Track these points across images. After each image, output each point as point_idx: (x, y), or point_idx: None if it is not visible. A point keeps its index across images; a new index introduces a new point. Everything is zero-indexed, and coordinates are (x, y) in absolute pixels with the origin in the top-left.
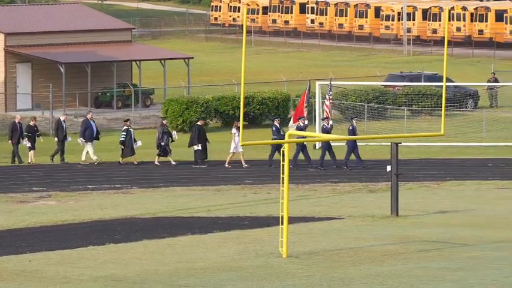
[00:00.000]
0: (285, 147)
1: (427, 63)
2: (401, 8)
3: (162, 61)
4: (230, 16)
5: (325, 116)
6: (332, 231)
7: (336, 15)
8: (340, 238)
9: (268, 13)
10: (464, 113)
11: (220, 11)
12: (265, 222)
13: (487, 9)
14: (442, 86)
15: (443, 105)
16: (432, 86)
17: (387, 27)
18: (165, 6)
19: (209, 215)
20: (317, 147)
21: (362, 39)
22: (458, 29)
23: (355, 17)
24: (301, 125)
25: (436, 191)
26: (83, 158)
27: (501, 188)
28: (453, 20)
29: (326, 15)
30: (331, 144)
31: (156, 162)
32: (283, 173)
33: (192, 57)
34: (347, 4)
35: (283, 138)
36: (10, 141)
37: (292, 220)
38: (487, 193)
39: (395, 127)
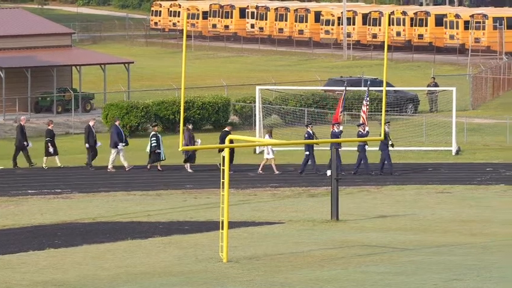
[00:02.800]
0: (225, 152)
1: (367, 67)
2: (341, 12)
3: (102, 66)
4: (170, 21)
5: (361, 122)
6: (272, 235)
7: (276, 20)
8: (281, 243)
9: (209, 18)
10: (404, 118)
11: (160, 15)
12: (205, 227)
13: (427, 13)
14: (382, 90)
15: (383, 110)
16: (372, 90)
17: (327, 32)
18: (105, 10)
19: (149, 220)
20: (257, 152)
21: (302, 43)
22: (398, 34)
23: (295, 21)
24: (336, 131)
25: (376, 196)
26: (125, 163)
27: (441, 193)
28: (393, 24)
29: (266, 20)
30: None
31: (188, 170)
32: (223, 178)
33: (132, 62)
34: (287, 9)
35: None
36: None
37: (232, 225)
38: (426, 197)
39: None
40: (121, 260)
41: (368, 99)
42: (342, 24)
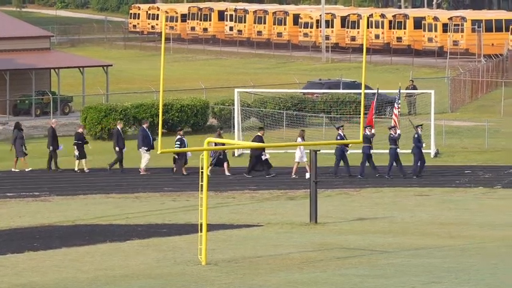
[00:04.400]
0: (204, 155)
1: (346, 70)
2: (320, 15)
3: (81, 69)
4: (149, 24)
5: (392, 125)
6: (251, 238)
7: (254, 23)
8: (259, 245)
9: (187, 21)
10: (383, 120)
11: (138, 18)
12: (184, 229)
13: (406, 16)
14: (360, 93)
15: (361, 113)
16: (351, 93)
17: (306, 35)
18: (83, 13)
19: (128, 223)
20: (236, 155)
21: (281, 46)
22: (377, 37)
23: (274, 24)
24: (368, 133)
25: (354, 198)
26: (142, 166)
27: (419, 195)
28: (372, 27)
29: (245, 22)
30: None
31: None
32: (202, 181)
33: (111, 65)
34: (266, 12)
35: (346, 147)
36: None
37: (211, 227)
38: (405, 200)
39: (314, 134)
40: (100, 262)
41: (399, 101)
42: (320, 27)
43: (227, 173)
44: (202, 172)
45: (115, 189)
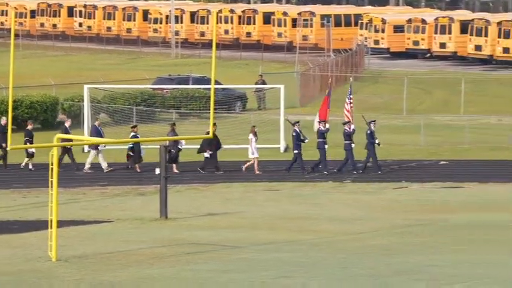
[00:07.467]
0: (54, 151)
1: (196, 65)
2: (169, 11)
3: None
4: None
5: (346, 121)
6: (101, 234)
7: (104, 19)
8: (110, 241)
9: (36, 17)
10: (232, 116)
11: None
12: (34, 226)
13: (255, 11)
14: (210, 88)
15: (211, 108)
16: (200, 88)
17: (155, 30)
18: None
19: None
20: (85, 151)
21: (130, 42)
22: (227, 32)
23: (123, 20)
24: (322, 128)
25: (205, 194)
26: (104, 165)
27: (269, 190)
28: (221, 22)
29: (94, 18)
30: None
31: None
32: (52, 177)
33: None
34: (115, 7)
35: (301, 144)
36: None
37: (61, 224)
38: (254, 195)
39: (165, 130)
40: None
41: (351, 97)
42: (170, 23)
43: (175, 170)
44: (52, 168)
45: None
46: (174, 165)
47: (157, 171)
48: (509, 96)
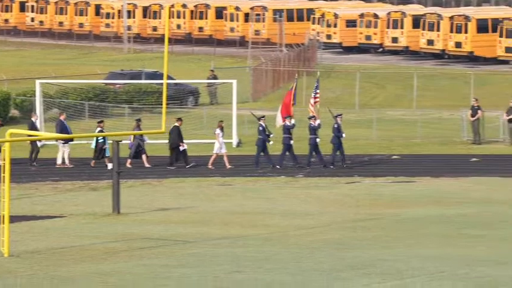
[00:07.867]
0: (6, 147)
1: (148, 60)
2: (122, 5)
3: None
4: None
5: (311, 115)
6: (54, 229)
7: (56, 14)
8: (62, 236)
9: None
10: (185, 110)
11: None
12: None
13: (207, 6)
14: (162, 83)
15: (164, 103)
16: (153, 83)
17: (107, 25)
18: None
19: None
20: (39, 146)
21: (82, 37)
22: (179, 27)
23: (75, 15)
24: (288, 124)
25: (157, 189)
26: (59, 161)
27: (222, 185)
28: (173, 17)
29: (46, 13)
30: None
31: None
32: (3, 172)
33: None
34: (67, 2)
35: (268, 138)
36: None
37: (13, 219)
38: (207, 190)
39: (117, 125)
40: None
41: (318, 91)
42: (122, 17)
43: (147, 165)
44: (3, 164)
45: None
46: (144, 158)
47: (110, 166)
48: (461, 91)
